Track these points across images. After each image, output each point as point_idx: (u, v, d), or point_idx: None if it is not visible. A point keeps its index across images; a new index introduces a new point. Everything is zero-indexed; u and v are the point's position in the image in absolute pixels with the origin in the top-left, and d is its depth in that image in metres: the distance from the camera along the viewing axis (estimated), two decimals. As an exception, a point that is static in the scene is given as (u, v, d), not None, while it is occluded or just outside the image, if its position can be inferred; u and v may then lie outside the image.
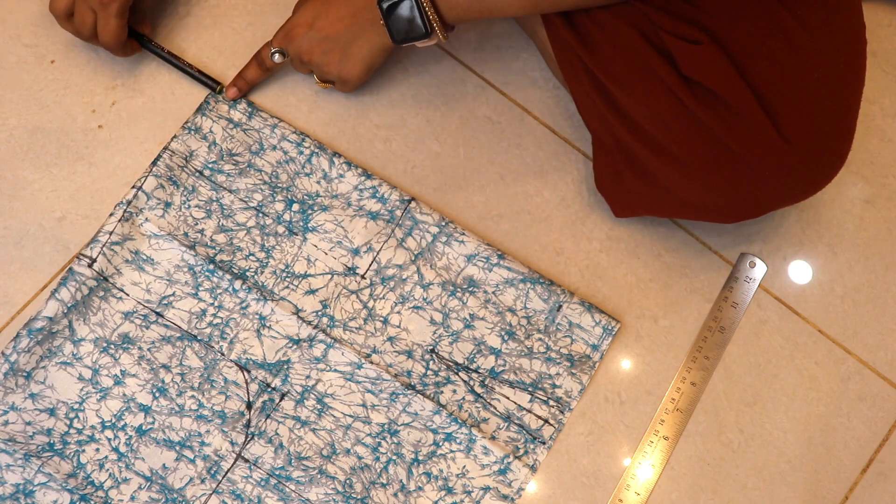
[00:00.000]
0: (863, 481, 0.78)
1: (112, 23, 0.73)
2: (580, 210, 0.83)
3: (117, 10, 0.72)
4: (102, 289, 0.75)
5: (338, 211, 0.79)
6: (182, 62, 0.81)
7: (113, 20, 0.73)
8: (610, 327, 0.78)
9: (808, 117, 0.63)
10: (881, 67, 0.89)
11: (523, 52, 0.86)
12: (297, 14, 0.74)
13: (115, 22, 0.73)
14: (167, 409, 0.74)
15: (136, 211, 0.77)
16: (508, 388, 0.77)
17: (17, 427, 0.72)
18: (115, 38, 0.75)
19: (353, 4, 0.71)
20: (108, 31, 0.74)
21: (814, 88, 0.63)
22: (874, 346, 0.82)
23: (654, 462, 0.77)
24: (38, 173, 0.80)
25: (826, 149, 0.65)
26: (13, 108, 0.81)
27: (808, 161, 0.65)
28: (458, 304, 0.78)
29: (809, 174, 0.66)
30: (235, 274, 0.77)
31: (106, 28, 0.74)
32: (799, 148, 0.64)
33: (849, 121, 0.66)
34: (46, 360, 0.73)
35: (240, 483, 0.73)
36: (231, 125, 0.81)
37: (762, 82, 0.63)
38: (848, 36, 0.65)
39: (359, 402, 0.75)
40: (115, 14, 0.73)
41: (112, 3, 0.72)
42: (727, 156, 0.65)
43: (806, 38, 0.63)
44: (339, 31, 0.72)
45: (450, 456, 0.75)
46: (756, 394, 0.79)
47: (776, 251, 0.83)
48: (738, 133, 0.64)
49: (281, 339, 0.76)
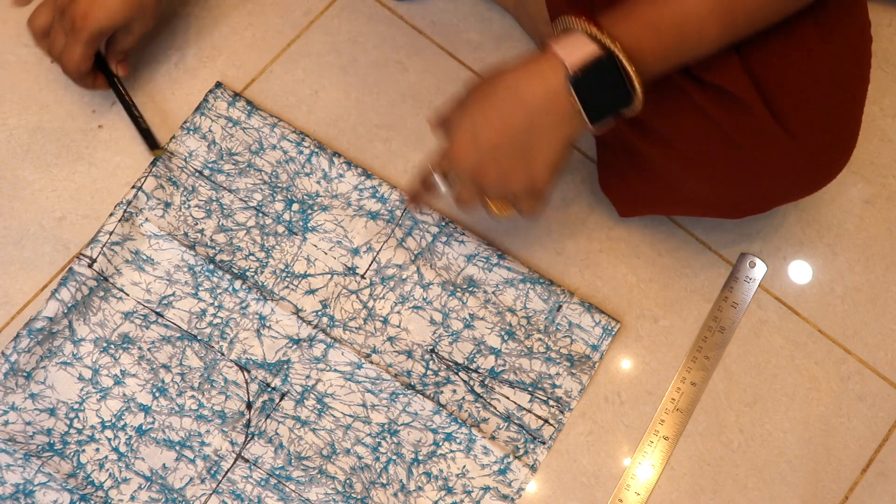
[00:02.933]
0: (863, 481, 0.78)
1: (77, 49, 0.71)
2: (580, 210, 0.83)
3: (87, 37, 0.70)
4: (102, 289, 0.75)
5: (338, 211, 0.79)
6: (137, 113, 0.79)
7: (79, 47, 0.71)
8: (610, 327, 0.78)
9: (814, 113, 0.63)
10: (881, 67, 0.89)
11: (523, 52, 0.86)
12: (453, 131, 0.61)
13: (81, 49, 0.71)
14: (167, 409, 0.74)
15: (136, 211, 0.77)
16: (508, 388, 0.77)
17: (17, 427, 0.72)
18: (76, 66, 0.72)
19: (519, 98, 0.58)
20: (70, 57, 0.72)
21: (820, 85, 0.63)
22: (874, 346, 0.82)
23: (654, 462, 0.77)
24: (38, 173, 0.80)
25: (831, 144, 0.65)
26: (13, 108, 0.81)
27: (813, 157, 0.65)
28: (458, 303, 0.78)
29: (815, 170, 0.66)
30: (235, 274, 0.77)
31: (70, 53, 0.72)
32: (804, 143, 0.64)
33: (854, 116, 0.66)
34: (46, 360, 0.73)
35: (240, 483, 0.73)
36: (230, 124, 0.81)
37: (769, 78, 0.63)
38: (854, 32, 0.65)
39: (359, 401, 0.75)
40: (84, 41, 0.71)
41: (83, 30, 0.70)
42: (733, 151, 0.65)
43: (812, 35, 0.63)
44: (511, 136, 0.59)
45: (450, 456, 0.75)
46: (756, 394, 0.79)
47: (776, 251, 0.83)
48: (744, 128, 0.64)
49: (281, 338, 0.76)
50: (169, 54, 0.83)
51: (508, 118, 0.58)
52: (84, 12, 0.70)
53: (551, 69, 0.57)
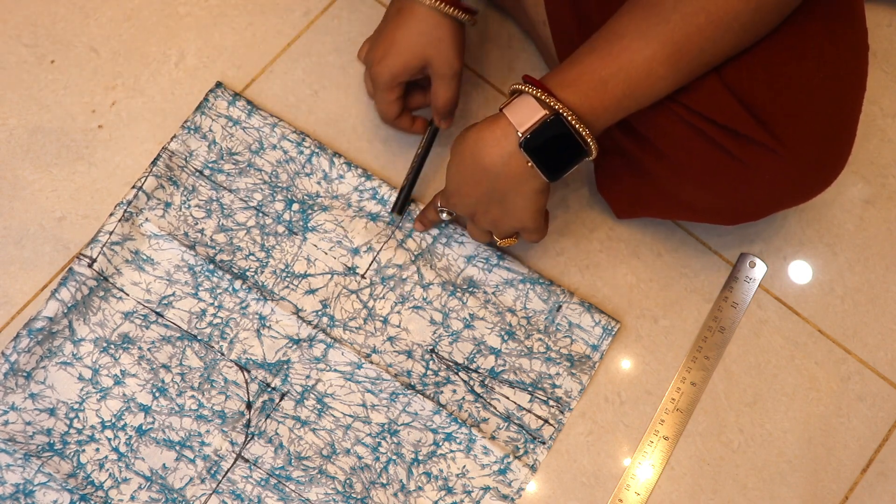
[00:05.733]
0: (863, 481, 0.78)
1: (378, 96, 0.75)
2: (580, 210, 0.83)
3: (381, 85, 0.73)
4: (102, 289, 0.75)
5: (338, 211, 0.79)
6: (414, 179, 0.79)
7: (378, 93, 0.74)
8: (610, 327, 0.78)
9: (807, 124, 0.63)
10: (881, 67, 0.89)
11: (523, 52, 0.86)
12: (447, 181, 0.68)
13: (380, 96, 0.74)
14: (167, 409, 0.74)
15: (136, 211, 0.77)
16: (508, 388, 0.77)
17: (17, 427, 0.72)
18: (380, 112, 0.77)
19: (480, 165, 0.63)
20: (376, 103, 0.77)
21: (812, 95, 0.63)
22: (874, 346, 0.82)
23: (654, 462, 0.77)
24: (38, 173, 0.80)
25: (825, 154, 0.65)
26: (13, 108, 0.81)
27: (806, 167, 0.64)
28: (458, 303, 0.78)
29: (809, 180, 0.66)
30: (235, 274, 0.77)
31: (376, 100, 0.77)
32: (797, 154, 0.63)
33: (848, 126, 0.66)
34: (46, 360, 0.73)
35: (240, 483, 0.73)
36: (231, 123, 0.81)
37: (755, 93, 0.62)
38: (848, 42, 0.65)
39: (359, 401, 0.75)
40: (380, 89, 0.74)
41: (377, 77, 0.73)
42: (726, 161, 0.64)
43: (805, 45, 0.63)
44: (483, 194, 0.65)
45: (450, 456, 0.75)
46: (756, 394, 0.79)
47: (776, 251, 0.83)
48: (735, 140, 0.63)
49: (281, 338, 0.76)
50: (169, 54, 0.83)
51: (477, 181, 0.64)
52: (378, 59, 0.72)
53: (504, 134, 0.61)
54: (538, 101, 0.60)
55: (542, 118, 0.60)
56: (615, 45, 0.59)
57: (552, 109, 0.60)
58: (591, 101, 0.60)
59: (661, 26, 0.58)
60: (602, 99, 0.59)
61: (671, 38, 0.58)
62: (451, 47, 0.70)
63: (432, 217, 0.76)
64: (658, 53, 0.58)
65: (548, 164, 0.62)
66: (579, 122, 0.59)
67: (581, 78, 0.60)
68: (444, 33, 0.69)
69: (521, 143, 0.60)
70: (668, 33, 0.58)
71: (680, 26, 0.57)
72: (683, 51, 0.58)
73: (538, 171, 0.62)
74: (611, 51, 0.59)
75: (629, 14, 0.60)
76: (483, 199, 0.66)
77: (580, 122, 0.60)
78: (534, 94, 0.60)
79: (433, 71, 0.71)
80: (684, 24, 0.57)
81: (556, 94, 0.60)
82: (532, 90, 0.60)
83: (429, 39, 0.69)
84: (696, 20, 0.57)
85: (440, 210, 0.73)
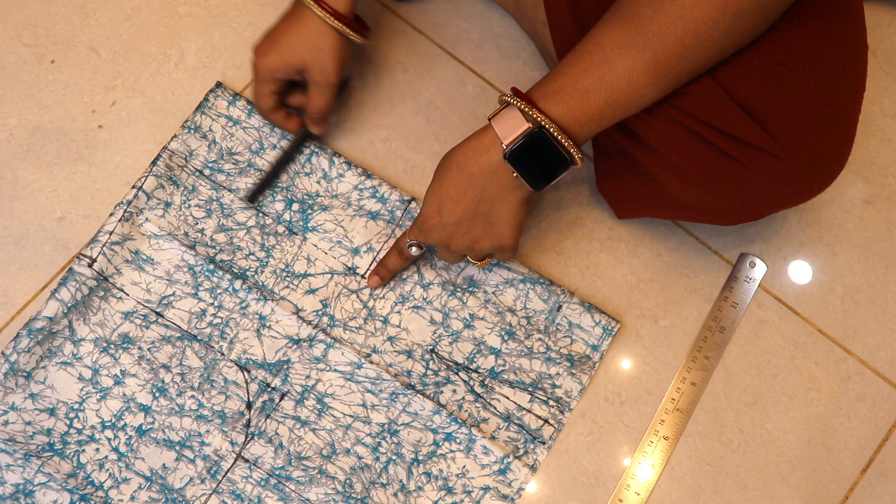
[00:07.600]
0: (863, 481, 0.78)
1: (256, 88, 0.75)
2: (580, 210, 0.83)
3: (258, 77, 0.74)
4: (102, 289, 0.75)
5: (338, 211, 0.79)
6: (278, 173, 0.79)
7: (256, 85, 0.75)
8: (610, 327, 0.78)
9: (805, 125, 0.63)
10: (881, 67, 0.89)
11: (523, 52, 0.86)
12: (423, 206, 0.69)
13: (257, 88, 0.75)
14: (167, 409, 0.74)
15: (137, 211, 0.77)
16: (508, 388, 0.77)
17: (17, 427, 0.72)
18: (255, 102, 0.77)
19: (468, 174, 0.64)
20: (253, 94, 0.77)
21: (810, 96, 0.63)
22: (874, 346, 0.82)
23: (654, 462, 0.77)
24: (38, 173, 0.80)
25: (824, 155, 0.65)
26: (13, 108, 0.81)
27: (805, 168, 0.64)
28: (458, 303, 0.78)
29: (807, 180, 0.66)
30: (235, 273, 0.77)
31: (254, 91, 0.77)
32: (796, 156, 0.63)
33: (847, 127, 0.65)
34: (46, 360, 0.73)
35: (240, 483, 0.73)
36: (231, 123, 0.81)
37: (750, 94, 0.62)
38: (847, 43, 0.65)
39: (359, 401, 0.75)
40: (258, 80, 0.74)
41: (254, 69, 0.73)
42: (725, 163, 0.64)
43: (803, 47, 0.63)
44: (468, 208, 0.66)
45: (450, 456, 0.75)
46: (756, 394, 0.79)
47: (776, 251, 0.83)
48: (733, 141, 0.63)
49: (281, 338, 0.76)
50: (169, 54, 0.83)
51: (463, 193, 0.65)
52: (261, 52, 0.72)
53: (491, 145, 0.63)
54: (522, 114, 0.61)
55: (525, 131, 0.61)
56: (596, 55, 0.60)
57: (535, 122, 0.61)
58: (574, 111, 0.60)
59: (639, 36, 0.58)
60: (584, 109, 0.60)
61: (650, 48, 0.58)
62: (331, 59, 0.71)
63: (393, 264, 0.76)
64: (638, 62, 0.59)
65: (532, 174, 0.63)
66: (562, 134, 0.60)
67: (564, 89, 0.60)
68: (327, 44, 0.70)
69: (506, 154, 0.62)
70: (646, 43, 0.58)
71: (658, 36, 0.58)
72: (663, 60, 0.59)
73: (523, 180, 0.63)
74: (592, 61, 0.60)
75: (609, 23, 0.60)
76: (466, 214, 0.66)
77: (563, 134, 0.60)
78: (519, 106, 0.61)
79: (310, 77, 0.72)
80: (662, 34, 0.58)
81: (539, 106, 0.61)
82: (517, 102, 0.61)
83: (310, 46, 0.70)
84: (674, 30, 0.57)
85: (409, 244, 0.72)
